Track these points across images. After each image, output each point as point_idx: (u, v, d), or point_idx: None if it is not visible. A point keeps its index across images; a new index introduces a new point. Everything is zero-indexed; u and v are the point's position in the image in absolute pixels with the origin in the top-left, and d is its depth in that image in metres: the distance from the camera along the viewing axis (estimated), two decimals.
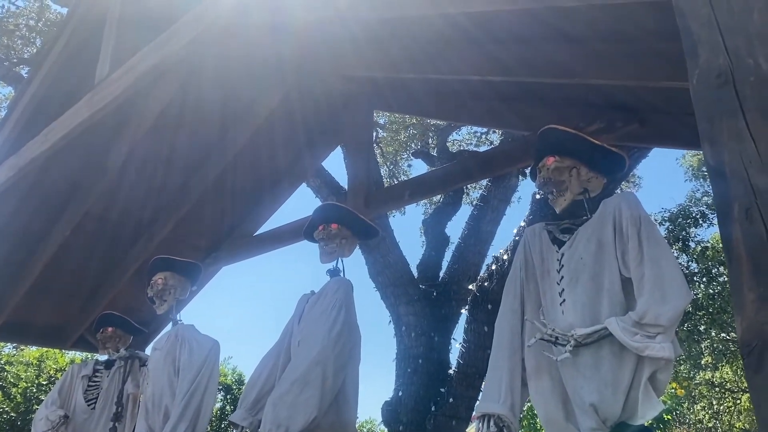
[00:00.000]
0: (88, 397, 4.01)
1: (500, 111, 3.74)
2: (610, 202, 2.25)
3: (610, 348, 2.04)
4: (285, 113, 4.41)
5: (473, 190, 9.81)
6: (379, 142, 9.98)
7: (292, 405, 2.68)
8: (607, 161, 2.39)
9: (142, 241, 4.91)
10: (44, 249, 4.65)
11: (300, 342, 3.00)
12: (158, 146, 4.27)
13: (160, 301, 3.65)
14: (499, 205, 7.05)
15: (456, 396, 6.10)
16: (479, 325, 5.99)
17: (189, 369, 3.33)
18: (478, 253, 6.98)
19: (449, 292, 6.90)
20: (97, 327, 4.25)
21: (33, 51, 8.85)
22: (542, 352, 2.20)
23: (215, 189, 4.73)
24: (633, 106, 3.06)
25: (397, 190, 4.67)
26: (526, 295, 2.36)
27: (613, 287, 2.12)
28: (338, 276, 3.22)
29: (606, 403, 2.01)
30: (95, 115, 3.24)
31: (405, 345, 6.73)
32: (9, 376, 8.91)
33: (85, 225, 4.54)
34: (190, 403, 3.23)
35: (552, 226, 2.41)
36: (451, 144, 9.81)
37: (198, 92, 3.96)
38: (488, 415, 2.19)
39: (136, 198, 4.64)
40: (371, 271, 7.07)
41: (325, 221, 3.25)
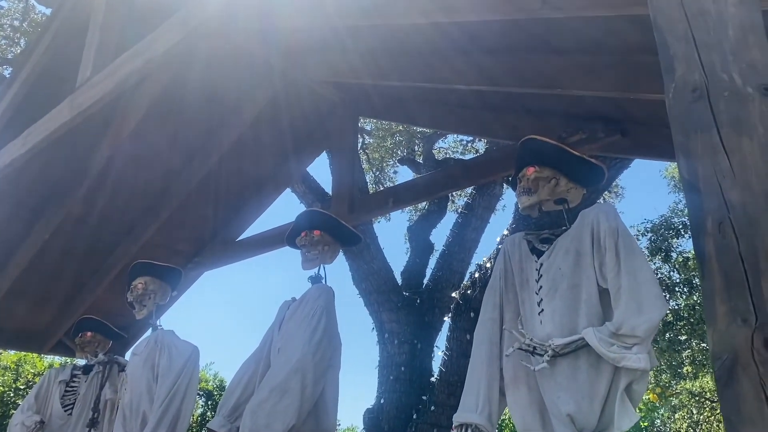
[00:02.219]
0: (65, 403, 3.95)
1: (486, 120, 3.76)
2: (589, 213, 2.27)
3: (587, 358, 2.05)
4: (270, 118, 4.40)
5: (458, 198, 9.84)
6: (365, 148, 9.99)
7: (271, 413, 2.66)
8: (586, 172, 2.40)
9: (124, 245, 4.87)
10: (23, 252, 4.60)
11: (280, 349, 2.98)
12: (140, 150, 4.24)
13: (139, 306, 3.61)
14: (483, 213, 7.08)
15: (438, 404, 6.10)
16: (462, 333, 6.00)
17: (168, 375, 3.30)
18: (461, 261, 7.00)
19: (433, 300, 6.90)
20: (75, 331, 4.19)
21: (17, 51, 8.77)
22: (520, 362, 2.20)
23: (198, 193, 4.71)
24: (615, 117, 3.09)
25: (382, 197, 4.66)
26: (505, 304, 2.37)
27: (590, 298, 2.13)
28: (320, 283, 3.21)
29: (583, 414, 2.02)
30: (76, 118, 3.21)
31: (388, 352, 6.72)
32: None
33: (65, 228, 4.50)
34: (168, 409, 3.20)
35: (531, 236, 2.42)
36: (437, 152, 9.84)
37: (182, 96, 3.94)
38: (466, 425, 2.19)
39: (118, 202, 4.60)
40: (355, 278, 7.06)
41: (308, 228, 3.24)
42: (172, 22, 2.82)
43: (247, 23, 3.00)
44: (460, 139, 9.99)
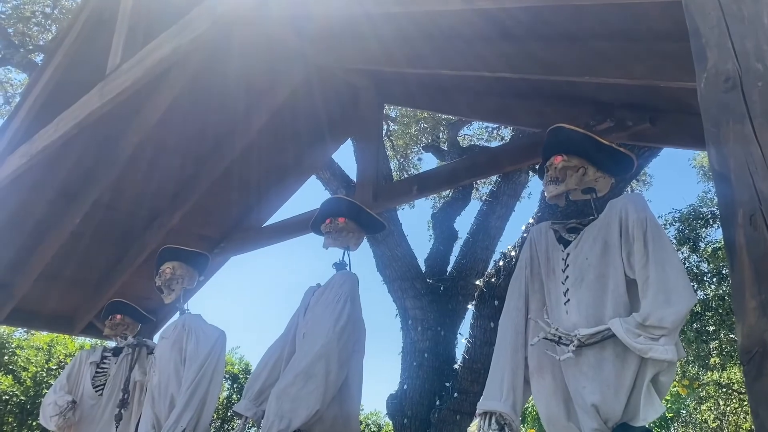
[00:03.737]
0: (96, 384, 4.05)
1: (512, 108, 3.73)
2: (617, 203, 2.25)
3: (613, 349, 2.04)
4: (296, 105, 4.41)
5: (483, 186, 9.78)
6: (389, 135, 9.96)
7: (296, 398, 2.70)
8: (615, 161, 2.38)
9: (152, 231, 4.95)
10: (54, 236, 4.69)
11: (305, 334, 3.02)
12: (168, 136, 4.30)
13: (167, 290, 3.67)
14: (508, 201, 7.03)
15: (461, 391, 6.11)
16: (485, 320, 5.99)
17: (195, 359, 3.36)
18: (486, 249, 6.97)
19: (456, 287, 6.90)
20: (105, 314, 4.28)
21: (48, 38, 8.90)
22: (545, 352, 2.20)
23: (224, 180, 4.75)
24: (644, 105, 3.04)
25: (406, 185, 4.66)
26: (531, 293, 2.36)
27: (617, 288, 2.11)
28: (344, 269, 3.23)
29: (608, 404, 2.01)
30: (106, 105, 3.25)
31: (411, 339, 6.74)
32: (19, 360, 9.00)
33: (95, 213, 4.58)
34: (195, 392, 3.26)
35: (558, 225, 2.40)
36: (462, 139, 9.78)
37: (209, 83, 3.97)
38: (490, 413, 2.20)
39: (146, 187, 4.67)
40: (378, 265, 7.07)
41: (333, 215, 3.26)
42: (201, 10, 2.84)
43: (274, 10, 3.00)
44: (486, 126, 9.91)
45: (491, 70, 3.15)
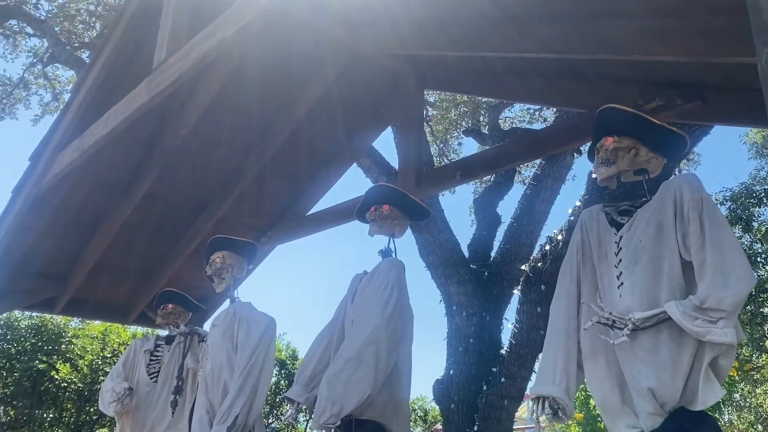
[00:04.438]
0: (150, 371, 4.17)
1: (556, 88, 3.67)
2: (671, 184, 2.19)
3: (669, 332, 2.01)
4: (336, 94, 4.43)
5: (526, 169, 9.66)
6: (428, 120, 9.91)
7: (347, 383, 2.73)
8: (668, 141, 2.32)
9: (201, 221, 5.05)
10: (107, 229, 4.83)
11: (353, 321, 3.05)
12: (214, 128, 4.37)
13: (218, 279, 3.74)
14: (553, 184, 6.92)
15: (508, 376, 6.09)
16: (532, 305, 5.94)
17: (246, 346, 3.42)
18: (530, 233, 6.89)
19: (501, 273, 6.85)
20: (157, 304, 4.39)
21: (93, 35, 9.11)
22: (598, 336, 2.17)
23: (269, 169, 4.81)
24: (694, 83, 2.96)
25: (448, 170, 4.64)
26: (583, 278, 2.33)
27: (672, 271, 2.07)
28: (390, 256, 3.24)
29: (664, 388, 1.98)
30: (154, 99, 3.32)
31: (456, 324, 6.73)
32: (76, 349, 9.32)
33: (146, 205, 4.69)
34: (247, 378, 3.33)
35: (610, 208, 2.36)
36: (503, 121, 9.66)
37: (253, 75, 4.02)
38: (543, 397, 2.19)
39: (194, 179, 4.77)
40: (421, 251, 7.07)
41: (378, 202, 3.27)
42: (244, 1, 2.86)
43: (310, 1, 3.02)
44: (527, 108, 9.77)
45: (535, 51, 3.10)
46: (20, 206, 4.36)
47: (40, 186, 4.20)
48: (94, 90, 3.96)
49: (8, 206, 4.47)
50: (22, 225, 4.48)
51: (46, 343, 9.19)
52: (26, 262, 4.99)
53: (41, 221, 4.58)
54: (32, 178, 4.26)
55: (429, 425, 11.36)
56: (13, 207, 4.44)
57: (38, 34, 9.45)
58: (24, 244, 4.72)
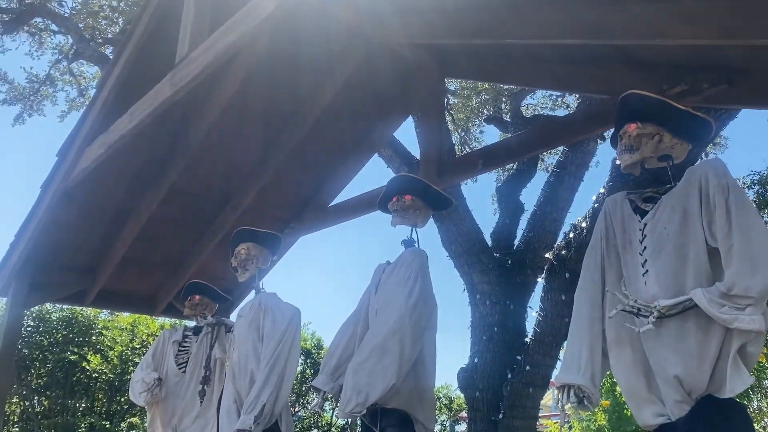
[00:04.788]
0: (179, 361, 4.24)
1: (579, 75, 3.63)
2: (696, 170, 2.16)
3: (695, 320, 1.99)
4: (357, 84, 4.43)
5: (549, 156, 9.59)
6: (449, 108, 9.87)
7: (372, 372, 2.76)
8: (692, 127, 2.28)
9: (225, 213, 5.10)
10: (134, 222, 4.91)
11: (377, 311, 3.07)
12: (237, 121, 4.40)
13: (243, 270, 3.78)
14: (576, 171, 6.87)
15: (533, 364, 6.08)
16: (556, 293, 5.91)
17: (272, 336, 3.46)
18: (554, 221, 6.85)
19: (524, 261, 6.82)
20: (184, 295, 4.45)
21: (116, 31, 9.21)
22: (623, 324, 2.16)
23: (292, 161, 4.84)
24: (720, 66, 2.91)
25: (470, 159, 4.62)
26: (607, 265, 2.32)
27: (698, 258, 2.05)
28: (413, 246, 3.25)
29: (691, 376, 1.97)
30: (177, 93, 3.35)
31: (480, 313, 6.73)
32: (106, 340, 9.51)
33: (171, 198, 4.76)
34: (274, 368, 3.37)
35: (634, 195, 2.34)
36: (525, 108, 9.59)
37: (273, 67, 4.04)
38: (568, 386, 2.19)
39: (218, 171, 4.82)
40: (444, 240, 7.07)
41: (399, 192, 3.27)
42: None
43: None
44: (550, 95, 9.69)
45: (557, 37, 3.07)
46: (49, 201, 4.45)
47: (68, 181, 4.28)
48: (118, 86, 4.01)
49: (38, 201, 4.57)
50: (52, 220, 4.57)
51: (77, 334, 9.39)
52: (56, 255, 5.10)
53: (70, 216, 4.67)
54: (60, 174, 4.34)
55: (454, 413, 11.40)
56: (42, 202, 4.53)
57: (63, 31, 9.58)
58: (54, 238, 4.82)
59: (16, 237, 4.84)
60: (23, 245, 4.78)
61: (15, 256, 4.91)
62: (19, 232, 4.80)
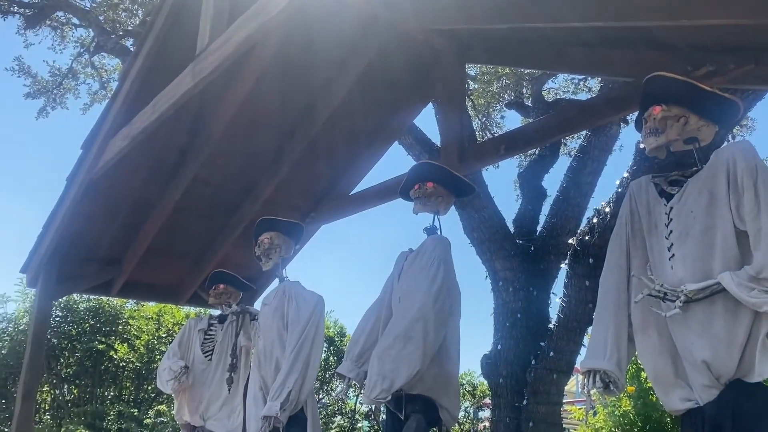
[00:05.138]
0: (205, 350, 4.30)
1: (601, 57, 3.57)
2: (723, 152, 2.13)
3: (723, 303, 1.96)
4: (376, 72, 4.42)
5: (571, 141, 9.49)
6: (470, 94, 9.80)
7: (396, 358, 2.77)
8: (719, 108, 2.24)
9: (247, 203, 5.14)
10: (158, 213, 4.96)
11: (401, 298, 3.08)
12: (258, 111, 4.42)
13: (266, 259, 3.82)
14: (599, 155, 6.79)
15: (557, 350, 6.06)
16: (580, 279, 5.87)
17: (297, 323, 3.50)
18: (577, 206, 6.79)
19: (547, 247, 6.78)
20: (209, 284, 4.50)
21: (136, 23, 9.27)
22: (649, 309, 2.14)
23: (312, 151, 4.85)
24: (747, 46, 2.84)
25: (492, 145, 4.58)
26: (632, 250, 2.30)
27: (726, 241, 2.02)
28: (435, 233, 3.25)
29: (719, 360, 1.95)
30: (198, 85, 3.37)
31: (503, 300, 6.72)
32: (132, 330, 9.66)
33: (193, 189, 4.80)
34: (299, 355, 3.40)
35: (659, 179, 2.31)
36: (547, 92, 9.49)
37: (293, 56, 4.04)
38: (594, 371, 2.18)
39: (240, 161, 4.84)
40: (466, 227, 7.05)
41: (421, 180, 3.27)
42: None
43: None
44: (572, 79, 9.57)
45: (578, 20, 3.03)
46: (75, 193, 4.51)
47: (92, 173, 4.33)
48: (140, 78, 4.05)
49: (63, 194, 4.64)
50: (78, 212, 4.64)
51: (104, 324, 9.54)
52: (83, 247, 5.18)
53: (95, 207, 4.74)
54: (85, 166, 4.40)
55: (477, 400, 11.41)
56: (68, 194, 4.60)
57: (84, 24, 9.67)
58: (80, 229, 4.89)
59: (44, 229, 4.92)
60: (50, 237, 4.87)
61: (43, 248, 5.00)
62: (46, 224, 4.88)
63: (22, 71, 10.30)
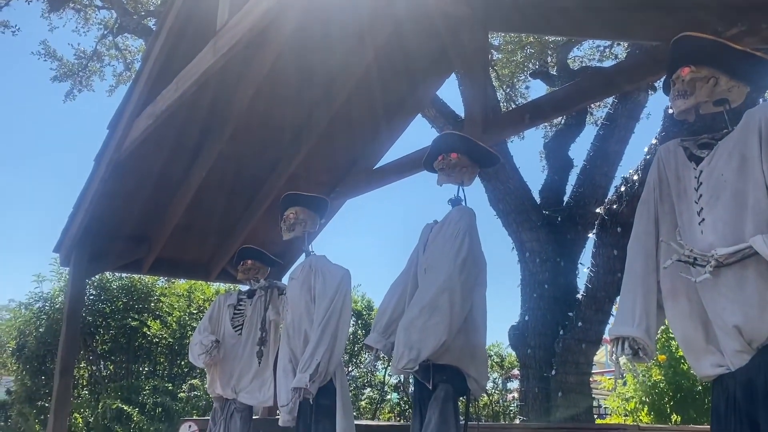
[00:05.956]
0: (235, 324, 4.36)
1: (627, 21, 3.49)
2: (755, 113, 2.06)
3: (755, 267, 1.92)
4: (397, 44, 4.38)
5: (597, 109, 9.34)
6: (493, 65, 9.67)
7: (423, 329, 2.78)
8: (750, 68, 2.17)
9: (272, 179, 5.17)
10: (185, 190, 5.02)
11: (426, 269, 3.08)
12: (280, 86, 4.42)
13: (291, 233, 3.84)
14: (626, 123, 6.68)
15: (585, 320, 6.04)
16: (608, 248, 5.82)
17: (324, 296, 3.53)
18: (605, 175, 6.71)
19: (574, 217, 6.73)
20: (237, 260, 4.55)
21: (158, 2, 9.30)
22: (679, 274, 2.11)
23: (335, 126, 4.85)
24: None
25: (516, 115, 4.53)
26: (661, 216, 2.25)
27: (758, 204, 1.97)
28: (460, 204, 3.23)
29: (751, 325, 1.91)
30: (219, 61, 3.37)
31: (529, 271, 6.69)
32: (164, 307, 9.85)
33: (219, 166, 4.84)
34: (327, 327, 3.44)
35: (688, 142, 2.25)
36: (572, 61, 9.32)
37: (312, 31, 4.01)
38: (622, 338, 2.16)
39: (264, 138, 4.86)
40: (491, 199, 7.01)
41: (445, 150, 3.24)
42: None
43: None
44: (597, 45, 9.38)
45: None
46: (103, 173, 4.58)
47: (120, 152, 4.39)
48: (163, 57, 4.06)
49: (92, 174, 4.72)
50: (106, 191, 4.72)
51: (137, 302, 9.75)
52: (112, 226, 5.27)
53: (124, 186, 4.81)
54: (111, 146, 4.45)
55: (506, 371, 11.45)
56: (96, 174, 4.68)
57: (107, 5, 9.73)
58: (109, 209, 4.97)
59: (74, 209, 5.02)
60: (81, 217, 4.96)
61: (74, 228, 5.10)
62: (76, 204, 4.98)
63: (48, 55, 10.43)
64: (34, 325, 9.25)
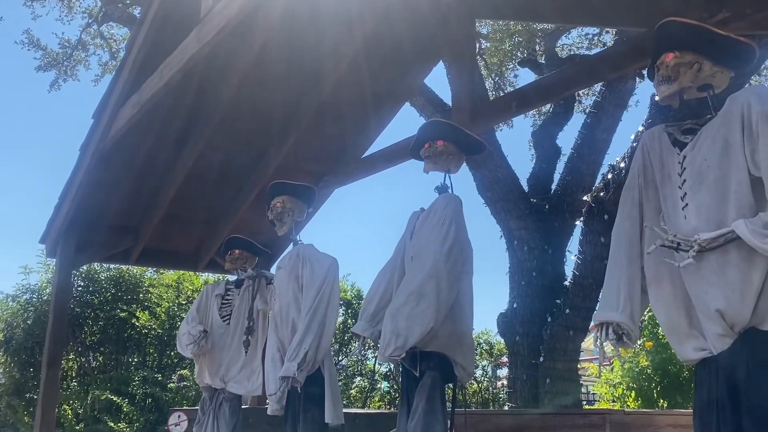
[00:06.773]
0: (223, 314, 4.35)
1: (613, 8, 3.50)
2: (738, 97, 2.07)
3: (737, 252, 1.93)
4: (385, 32, 4.36)
5: (586, 97, 9.35)
6: (482, 53, 9.65)
7: (410, 316, 2.78)
8: (733, 53, 2.17)
9: (260, 169, 5.15)
10: (172, 180, 4.99)
11: (413, 257, 3.08)
12: (266, 75, 4.39)
13: (279, 223, 3.82)
14: (614, 110, 6.70)
15: (572, 307, 6.08)
16: (595, 236, 5.86)
17: (311, 285, 3.52)
18: (592, 163, 6.73)
19: (562, 205, 6.75)
20: (225, 250, 4.53)
21: None
22: (662, 259, 2.12)
23: (322, 114, 4.83)
24: None
25: (503, 102, 4.53)
26: (645, 201, 2.26)
27: (740, 188, 1.98)
28: (446, 192, 3.23)
29: (733, 309, 1.93)
30: (204, 48, 3.34)
31: (517, 258, 6.72)
32: (152, 297, 9.81)
33: (206, 156, 4.81)
34: (314, 316, 3.43)
35: (673, 128, 2.26)
36: (560, 49, 9.32)
37: (299, 19, 3.98)
38: (606, 323, 2.17)
39: (251, 127, 4.84)
40: (479, 187, 7.02)
41: (431, 138, 3.23)
42: None
43: None
44: (585, 33, 9.38)
45: None
46: (88, 163, 4.54)
47: (105, 142, 4.35)
48: (147, 45, 4.02)
49: (77, 163, 4.68)
50: (92, 181, 4.68)
51: (125, 293, 9.71)
52: (99, 216, 5.23)
53: (109, 176, 4.77)
54: (97, 135, 4.42)
55: (495, 358, 11.51)
56: (81, 164, 4.64)
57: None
58: (95, 199, 4.94)
59: (60, 199, 4.98)
60: (67, 207, 4.92)
61: (60, 219, 5.06)
62: (62, 194, 4.94)
63: (31, 44, 10.29)
64: (22, 317, 9.20)
